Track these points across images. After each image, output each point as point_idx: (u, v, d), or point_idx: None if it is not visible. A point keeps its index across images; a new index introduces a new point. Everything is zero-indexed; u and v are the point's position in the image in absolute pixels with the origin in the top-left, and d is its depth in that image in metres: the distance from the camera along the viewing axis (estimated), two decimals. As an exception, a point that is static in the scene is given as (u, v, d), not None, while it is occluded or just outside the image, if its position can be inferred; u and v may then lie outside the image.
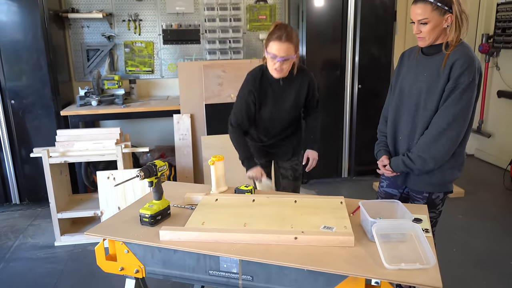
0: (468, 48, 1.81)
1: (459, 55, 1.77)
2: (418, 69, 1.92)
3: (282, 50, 2.14)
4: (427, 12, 1.76)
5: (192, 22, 4.47)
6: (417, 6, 1.79)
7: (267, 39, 2.19)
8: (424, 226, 1.67)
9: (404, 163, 1.94)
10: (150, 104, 4.06)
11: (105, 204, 3.11)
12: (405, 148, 1.99)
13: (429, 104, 1.86)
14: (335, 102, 4.37)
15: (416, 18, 1.80)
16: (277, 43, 2.13)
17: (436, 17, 1.77)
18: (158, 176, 1.75)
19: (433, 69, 1.85)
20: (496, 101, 4.96)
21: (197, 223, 1.66)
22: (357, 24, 4.22)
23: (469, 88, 1.76)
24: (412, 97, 1.93)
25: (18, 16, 3.61)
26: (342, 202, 1.84)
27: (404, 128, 1.98)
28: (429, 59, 1.89)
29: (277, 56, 2.15)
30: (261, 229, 1.58)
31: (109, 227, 1.72)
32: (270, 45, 2.16)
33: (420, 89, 1.89)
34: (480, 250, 3.11)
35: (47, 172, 3.12)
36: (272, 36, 2.15)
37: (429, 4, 1.75)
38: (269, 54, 2.17)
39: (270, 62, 2.21)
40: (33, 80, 3.75)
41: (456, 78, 1.76)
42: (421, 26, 1.80)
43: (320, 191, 4.25)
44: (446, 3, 1.74)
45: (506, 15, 4.56)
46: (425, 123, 1.88)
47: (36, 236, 3.43)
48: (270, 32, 2.19)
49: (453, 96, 1.78)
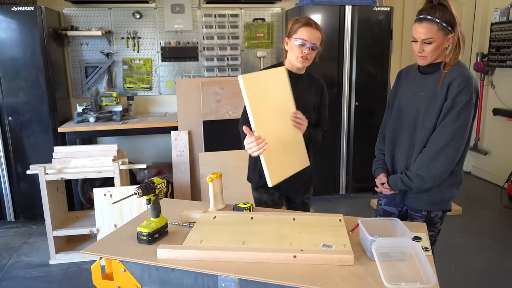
0: (465, 68, 1.83)
1: (456, 75, 1.79)
2: (415, 88, 1.93)
3: (314, 36, 2.02)
4: (433, 32, 1.76)
5: (191, 40, 4.51)
6: (422, 26, 1.78)
7: (292, 27, 2.05)
8: (423, 244, 1.66)
9: (402, 181, 1.94)
10: (148, 121, 4.07)
11: (101, 221, 3.08)
12: (403, 166, 1.99)
13: (426, 123, 1.87)
14: (333, 120, 4.37)
15: (421, 38, 1.79)
16: (307, 29, 2.01)
17: (440, 37, 1.78)
18: (156, 193, 1.74)
19: (430, 88, 1.86)
20: (492, 119, 4.99)
21: (195, 241, 1.64)
22: (353, 42, 4.27)
23: (466, 107, 1.78)
24: (410, 116, 1.94)
25: (17, 33, 3.64)
26: (341, 220, 1.82)
27: (402, 146, 1.99)
28: (426, 78, 1.90)
29: (307, 42, 2.01)
30: (260, 247, 1.57)
31: (105, 245, 1.69)
32: (299, 32, 2.02)
33: (418, 107, 1.90)
34: (480, 269, 3.08)
35: (43, 189, 3.10)
36: (300, 23, 2.03)
37: (435, 24, 1.75)
38: (297, 40, 2.02)
39: (296, 50, 2.03)
40: (31, 97, 3.75)
41: (453, 97, 1.78)
42: (425, 46, 1.80)
43: (318, 208, 4.23)
44: (450, 24, 1.76)
45: (500, 34, 4.63)
46: (423, 141, 1.89)
47: (31, 254, 3.39)
48: (294, 21, 2.06)
49: (451, 115, 1.79)
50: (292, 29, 2.05)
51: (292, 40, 2.05)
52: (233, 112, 3.93)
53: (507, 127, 4.77)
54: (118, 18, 4.34)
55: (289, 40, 2.07)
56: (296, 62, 2.08)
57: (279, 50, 4.78)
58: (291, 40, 2.05)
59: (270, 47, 4.73)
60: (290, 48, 2.08)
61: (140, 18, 4.38)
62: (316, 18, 4.16)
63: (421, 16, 1.78)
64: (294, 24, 2.06)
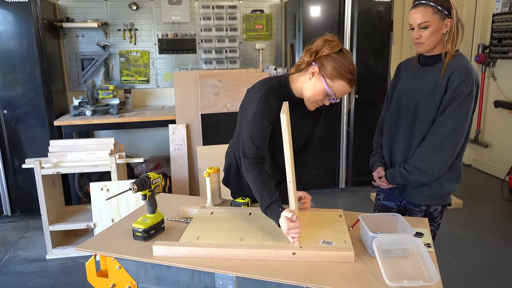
0: (466, 59, 1.79)
1: (457, 66, 1.75)
2: (415, 80, 1.89)
3: (346, 92, 1.72)
4: (428, 15, 1.72)
5: (188, 32, 4.44)
6: (417, 10, 1.75)
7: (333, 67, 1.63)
8: (425, 240, 1.62)
9: (400, 174, 1.90)
10: (145, 114, 4.02)
11: (98, 216, 3.05)
12: (401, 160, 1.95)
13: (426, 115, 1.83)
14: (332, 113, 4.34)
15: (416, 22, 1.75)
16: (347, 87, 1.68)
17: (436, 21, 1.73)
18: (152, 189, 1.70)
19: (430, 80, 1.82)
20: (493, 111, 4.95)
21: (191, 238, 1.60)
22: (353, 34, 4.21)
23: (467, 99, 1.74)
24: (409, 108, 1.90)
25: (11, 25, 3.57)
26: (341, 216, 1.79)
27: (400, 139, 1.95)
28: (426, 70, 1.86)
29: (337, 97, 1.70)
30: (258, 244, 1.53)
31: (100, 242, 1.66)
32: (337, 84, 1.66)
33: (418, 100, 1.86)
34: (481, 263, 3.06)
35: (39, 183, 3.06)
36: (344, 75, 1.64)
37: (430, 7, 1.72)
38: (328, 90, 1.66)
39: (320, 95, 1.69)
40: (26, 90, 3.70)
41: (454, 89, 1.74)
42: (421, 31, 1.76)
43: (317, 202, 4.20)
44: (446, 8, 1.72)
45: (502, 25, 4.57)
46: (422, 134, 1.85)
47: (27, 249, 3.36)
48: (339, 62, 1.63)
49: (450, 108, 1.75)
50: (330, 69, 1.62)
51: (322, 81, 1.65)
52: (232, 105, 3.88)
53: (508, 119, 4.72)
54: (114, 10, 4.27)
55: (319, 76, 1.65)
56: (308, 104, 1.74)
57: (278, 42, 4.71)
58: (321, 80, 1.64)
59: (269, 39, 4.66)
60: (314, 84, 1.67)
61: (136, 10, 4.31)
62: (316, 10, 4.11)
63: (416, 2, 1.76)
64: (336, 64, 1.62)
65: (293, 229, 1.49)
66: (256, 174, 1.65)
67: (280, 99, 1.71)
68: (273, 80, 1.76)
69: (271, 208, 1.56)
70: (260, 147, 1.68)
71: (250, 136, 1.68)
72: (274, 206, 1.56)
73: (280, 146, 1.76)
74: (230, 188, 2.10)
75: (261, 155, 1.69)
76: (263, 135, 1.69)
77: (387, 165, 2.06)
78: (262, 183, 1.62)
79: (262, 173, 1.65)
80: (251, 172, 1.66)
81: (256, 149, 1.67)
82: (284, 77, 1.79)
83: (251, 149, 1.67)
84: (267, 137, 1.71)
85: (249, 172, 1.66)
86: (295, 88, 1.75)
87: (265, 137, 1.70)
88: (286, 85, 1.76)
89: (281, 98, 1.72)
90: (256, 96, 1.69)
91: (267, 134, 1.70)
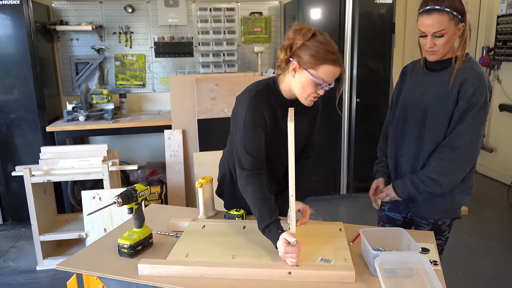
0: (476, 64, 1.68)
1: (468, 73, 1.63)
2: (423, 87, 1.77)
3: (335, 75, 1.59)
4: (444, 23, 1.58)
5: (185, 35, 4.35)
6: (431, 17, 1.59)
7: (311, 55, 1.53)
8: (432, 257, 1.51)
9: (413, 184, 1.75)
10: (141, 119, 3.92)
11: (90, 226, 2.94)
12: (407, 171, 1.83)
13: (435, 125, 1.71)
14: (333, 117, 4.24)
15: (431, 31, 1.61)
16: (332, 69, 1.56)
17: (452, 28, 1.60)
18: (138, 201, 1.59)
19: (439, 87, 1.70)
20: (498, 115, 4.83)
21: (180, 255, 1.50)
22: (354, 37, 4.11)
23: (482, 109, 1.63)
24: (416, 117, 1.78)
25: (2, 28, 3.48)
26: (341, 229, 1.68)
27: (407, 149, 1.83)
28: (435, 76, 1.74)
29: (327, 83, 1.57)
30: (251, 263, 1.42)
31: (83, 259, 1.55)
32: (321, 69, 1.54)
33: (426, 108, 1.74)
34: (487, 274, 2.94)
35: (29, 191, 2.96)
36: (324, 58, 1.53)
37: (446, 14, 1.58)
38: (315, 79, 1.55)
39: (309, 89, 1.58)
40: (18, 94, 3.60)
41: (468, 99, 1.62)
42: (436, 39, 1.62)
43: (318, 209, 4.08)
44: (461, 12, 1.60)
45: (506, 27, 4.46)
46: (432, 145, 1.73)
47: (18, 259, 3.25)
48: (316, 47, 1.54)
49: (468, 118, 1.63)
50: (309, 58, 1.52)
51: (306, 74, 1.54)
52: (229, 110, 3.76)
53: (514, 123, 4.61)
54: (109, 12, 4.18)
55: (301, 70, 1.55)
56: (304, 100, 1.62)
57: (277, 45, 4.61)
58: (305, 73, 1.54)
59: (268, 42, 4.56)
60: (299, 79, 1.56)
61: (132, 12, 4.21)
62: (316, 12, 4.01)
63: (428, 7, 1.59)
64: (312, 51, 1.52)
65: (291, 254, 1.38)
66: (255, 188, 1.55)
67: (270, 102, 1.64)
68: (262, 84, 1.67)
69: (270, 229, 1.47)
70: (257, 157, 1.59)
71: (244, 146, 1.59)
72: (274, 227, 1.46)
73: (276, 155, 1.68)
74: (223, 199, 1.99)
75: (258, 165, 1.59)
76: (257, 144, 1.60)
77: (391, 175, 1.94)
78: (261, 198, 1.52)
79: (262, 187, 1.55)
80: (250, 186, 1.56)
81: (253, 159, 1.58)
82: (273, 80, 1.69)
83: (247, 159, 1.58)
84: (263, 145, 1.61)
85: (248, 186, 1.57)
86: (284, 89, 1.66)
87: (260, 145, 1.61)
88: (275, 87, 1.67)
89: (271, 101, 1.64)
90: (244, 103, 1.61)
91: (261, 142, 1.61)
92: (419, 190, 1.74)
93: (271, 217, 1.48)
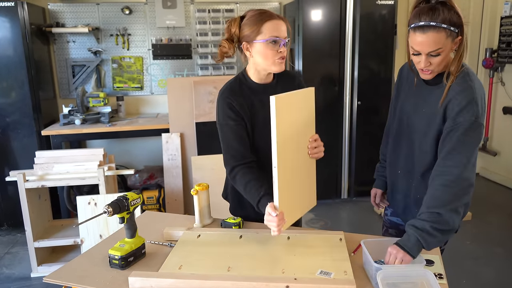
0: (469, 75, 1.49)
1: (456, 91, 1.47)
2: (417, 101, 1.63)
3: (283, 29, 1.63)
4: (441, 41, 1.40)
5: (183, 37, 4.28)
6: (426, 36, 1.41)
7: (250, 29, 1.60)
8: (436, 270, 1.44)
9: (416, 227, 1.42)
10: (138, 123, 3.85)
11: (85, 232, 2.88)
12: (404, 186, 1.73)
13: (425, 147, 1.59)
14: (334, 119, 4.17)
15: (426, 51, 1.43)
16: (273, 23, 1.60)
17: (449, 44, 1.43)
18: (130, 210, 1.52)
19: (432, 106, 1.55)
20: (501, 118, 4.76)
21: (173, 267, 1.43)
22: (355, 38, 4.05)
23: (471, 128, 1.43)
24: (410, 133, 1.67)
25: (-4, 30, 3.43)
26: (342, 239, 1.61)
27: (403, 163, 1.73)
28: (429, 90, 1.59)
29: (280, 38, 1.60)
30: (247, 276, 1.36)
31: (73, 271, 1.49)
32: (265, 29, 1.59)
33: (418, 127, 1.61)
34: (492, 282, 2.87)
35: (23, 197, 2.90)
36: (259, 20, 1.59)
37: (443, 31, 1.39)
38: (267, 40, 1.58)
39: (269, 52, 1.60)
40: (13, 98, 3.55)
41: (453, 118, 1.45)
42: (431, 58, 1.45)
43: (319, 213, 4.01)
44: (458, 25, 1.42)
45: (510, 28, 4.39)
46: (423, 165, 1.61)
47: (12, 266, 3.19)
48: (248, 20, 1.61)
49: (455, 140, 1.44)
50: (249, 31, 1.58)
51: (257, 43, 1.58)
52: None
53: (518, 126, 4.54)
54: (106, 14, 4.12)
55: (252, 44, 1.59)
56: (273, 67, 1.63)
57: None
58: (256, 43, 1.58)
59: (268, 44, 4.49)
60: (257, 52, 1.60)
61: (129, 14, 4.15)
62: (316, 13, 3.94)
63: (422, 23, 1.41)
64: (248, 25, 1.59)
65: (272, 222, 1.44)
66: (241, 177, 1.61)
67: (242, 91, 1.69)
68: (231, 80, 1.74)
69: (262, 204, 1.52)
70: (238, 148, 1.64)
71: (223, 143, 1.68)
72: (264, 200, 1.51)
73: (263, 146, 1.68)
74: (229, 201, 1.94)
75: (240, 157, 1.64)
76: (236, 135, 1.65)
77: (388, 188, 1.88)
78: (248, 181, 1.59)
79: (246, 174, 1.61)
80: (236, 179, 1.63)
81: (235, 152, 1.64)
82: (242, 72, 1.75)
83: (229, 154, 1.65)
84: (242, 135, 1.65)
85: (235, 179, 1.64)
86: (253, 75, 1.70)
87: (239, 135, 1.65)
88: (244, 77, 1.72)
89: (242, 90, 1.69)
90: (217, 101, 1.71)
91: (240, 132, 1.65)
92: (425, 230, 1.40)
93: (259, 193, 1.53)
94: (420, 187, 1.66)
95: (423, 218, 1.41)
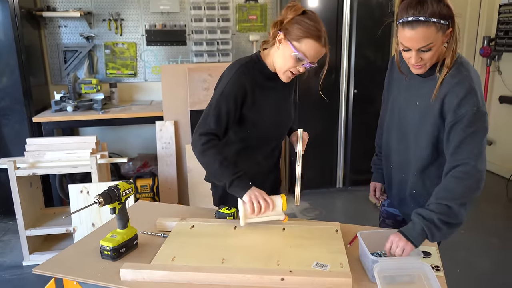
0: (463, 65, 1.44)
1: (451, 83, 1.42)
2: (409, 94, 1.59)
3: (318, 56, 1.62)
4: (432, 36, 1.35)
5: (178, 22, 4.20)
6: (415, 31, 1.35)
7: (296, 28, 1.56)
8: (433, 262, 1.43)
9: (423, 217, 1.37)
10: (131, 110, 3.79)
11: (78, 220, 2.84)
12: (397, 180, 1.71)
13: (420, 141, 1.55)
14: (330, 108, 4.13)
15: (417, 46, 1.38)
16: (315, 45, 1.57)
17: (439, 38, 1.37)
18: (122, 201, 1.49)
19: (425, 98, 1.50)
20: (497, 107, 4.74)
21: (166, 259, 1.40)
22: (352, 25, 4.00)
23: (475, 118, 1.38)
24: (402, 127, 1.62)
25: (-16, 14, 3.34)
26: (338, 231, 1.59)
27: (395, 158, 1.70)
28: (422, 82, 1.54)
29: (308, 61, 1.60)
30: (241, 268, 1.33)
31: (63, 262, 1.46)
32: (304, 42, 1.56)
33: (411, 120, 1.57)
34: (487, 272, 2.88)
35: (14, 185, 2.85)
36: (308, 31, 1.55)
37: (432, 25, 1.34)
38: (297, 53, 1.57)
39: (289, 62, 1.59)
40: (3, 83, 3.47)
41: (454, 111, 1.40)
42: (422, 54, 1.40)
43: (314, 202, 4.00)
44: (448, 17, 1.36)
45: (508, 16, 4.35)
46: (420, 160, 1.57)
47: (4, 254, 3.15)
48: (301, 20, 1.57)
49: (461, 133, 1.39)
50: (295, 31, 1.54)
51: (289, 46, 1.55)
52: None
53: (514, 115, 4.53)
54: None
55: (286, 42, 1.56)
56: (282, 75, 1.64)
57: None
58: (288, 45, 1.55)
59: (264, 31, 4.43)
60: (282, 51, 1.59)
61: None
62: (313, 0, 3.87)
63: (410, 18, 1.35)
64: (300, 25, 1.53)
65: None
66: (216, 151, 1.59)
67: (256, 75, 1.67)
68: (245, 59, 1.71)
69: (241, 179, 1.55)
70: (222, 126, 1.63)
71: (211, 111, 1.64)
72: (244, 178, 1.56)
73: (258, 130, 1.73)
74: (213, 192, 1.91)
75: (221, 133, 1.64)
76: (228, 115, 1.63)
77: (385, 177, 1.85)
78: (225, 159, 1.59)
79: (221, 151, 1.62)
80: (211, 150, 1.58)
81: (218, 127, 1.62)
82: (256, 55, 1.72)
83: (213, 125, 1.61)
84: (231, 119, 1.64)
85: (207, 149, 1.58)
86: (269, 63, 1.69)
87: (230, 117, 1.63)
88: (259, 61, 1.70)
89: (256, 74, 1.67)
90: (228, 76, 1.66)
91: (232, 116, 1.64)
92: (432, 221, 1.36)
93: (239, 170, 1.56)
94: (418, 184, 1.63)
95: (431, 208, 1.37)
